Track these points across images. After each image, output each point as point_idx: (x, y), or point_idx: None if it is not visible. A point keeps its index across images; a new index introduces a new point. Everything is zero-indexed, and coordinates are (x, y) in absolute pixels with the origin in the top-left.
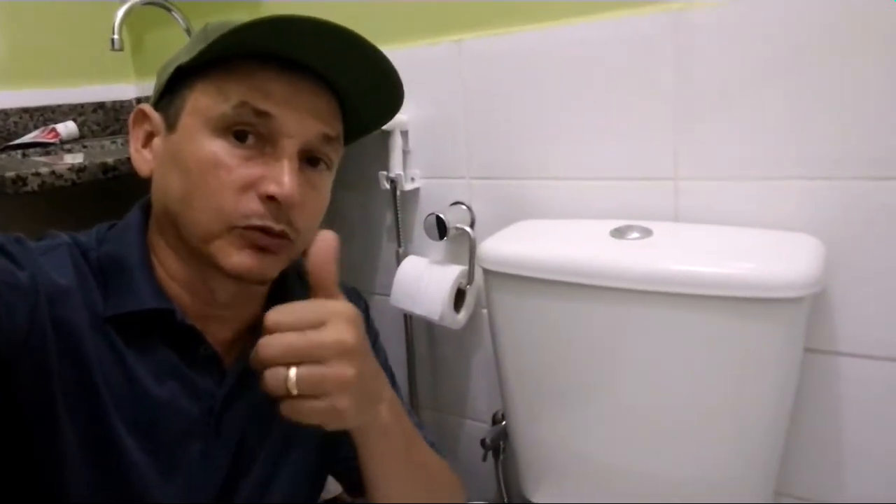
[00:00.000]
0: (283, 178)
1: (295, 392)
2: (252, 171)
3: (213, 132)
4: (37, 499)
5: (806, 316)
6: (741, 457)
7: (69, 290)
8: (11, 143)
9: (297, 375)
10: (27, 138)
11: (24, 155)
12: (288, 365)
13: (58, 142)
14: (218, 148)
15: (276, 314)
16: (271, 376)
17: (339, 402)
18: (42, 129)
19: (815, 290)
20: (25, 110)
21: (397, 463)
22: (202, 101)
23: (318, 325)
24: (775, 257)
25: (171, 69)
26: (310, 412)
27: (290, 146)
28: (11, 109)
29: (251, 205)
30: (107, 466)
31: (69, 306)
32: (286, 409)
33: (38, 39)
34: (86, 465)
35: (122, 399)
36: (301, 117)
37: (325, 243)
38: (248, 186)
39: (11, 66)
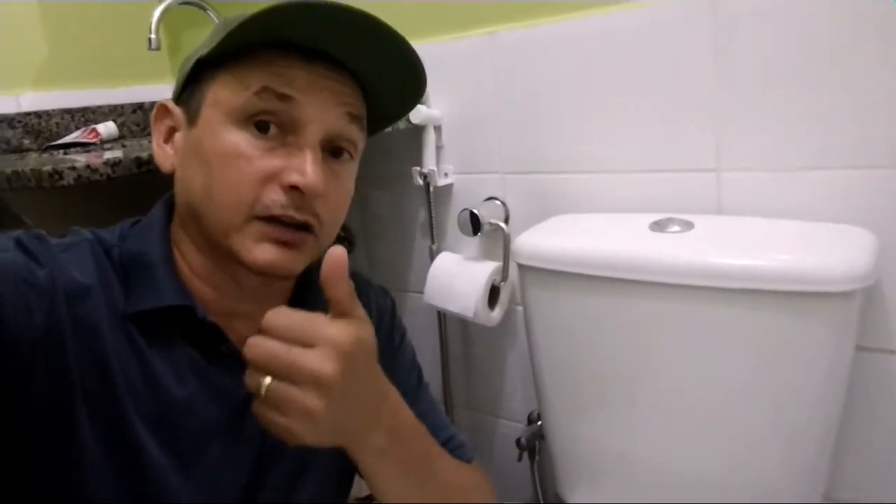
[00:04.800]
0: (306, 167)
1: (262, 397)
2: (274, 161)
3: (234, 123)
4: (56, 498)
5: (857, 312)
6: (786, 457)
7: (90, 288)
8: (53, 143)
9: (268, 387)
10: (68, 138)
11: (65, 154)
12: (266, 372)
13: (98, 142)
14: (239, 139)
15: (274, 316)
16: (250, 376)
17: (298, 426)
18: (83, 129)
19: (866, 284)
20: (67, 111)
21: (401, 485)
22: (222, 93)
23: (306, 344)
24: (824, 250)
25: (191, 63)
26: (270, 423)
27: (313, 134)
28: (54, 110)
29: (273, 195)
30: (126, 465)
31: (89, 304)
32: (255, 408)
33: (78, 41)
34: (105, 464)
35: (141, 398)
36: (323, 103)
37: (334, 260)
38: (270, 177)
39: (53, 68)
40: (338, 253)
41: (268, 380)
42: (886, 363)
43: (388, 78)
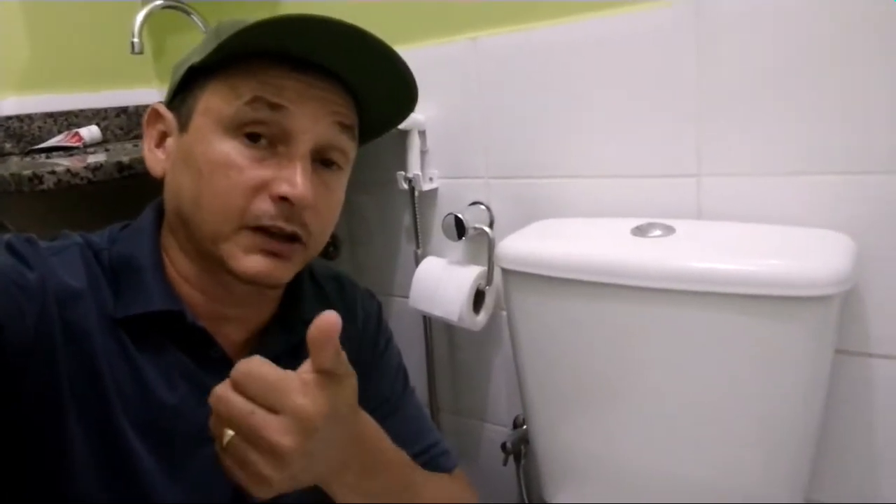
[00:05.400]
0: (296, 178)
1: (223, 448)
2: (264, 171)
3: (226, 132)
4: (49, 500)
5: (836, 315)
6: (768, 459)
7: (79, 292)
8: (36, 146)
9: (228, 443)
10: (51, 142)
11: (47, 158)
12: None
13: (81, 146)
14: (230, 148)
15: (245, 371)
16: (214, 423)
17: (253, 486)
18: (66, 133)
19: (844, 289)
20: (50, 115)
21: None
22: (214, 101)
23: (272, 409)
24: (803, 254)
25: (183, 69)
26: (228, 472)
27: (304, 144)
28: (36, 114)
29: (263, 205)
30: (115, 469)
31: (79, 307)
32: (217, 453)
33: (61, 45)
34: (94, 468)
35: (131, 402)
36: (314, 113)
37: (324, 324)
38: (259, 187)
39: (35, 71)
40: (331, 319)
41: (228, 434)
42: (864, 366)
43: (379, 89)
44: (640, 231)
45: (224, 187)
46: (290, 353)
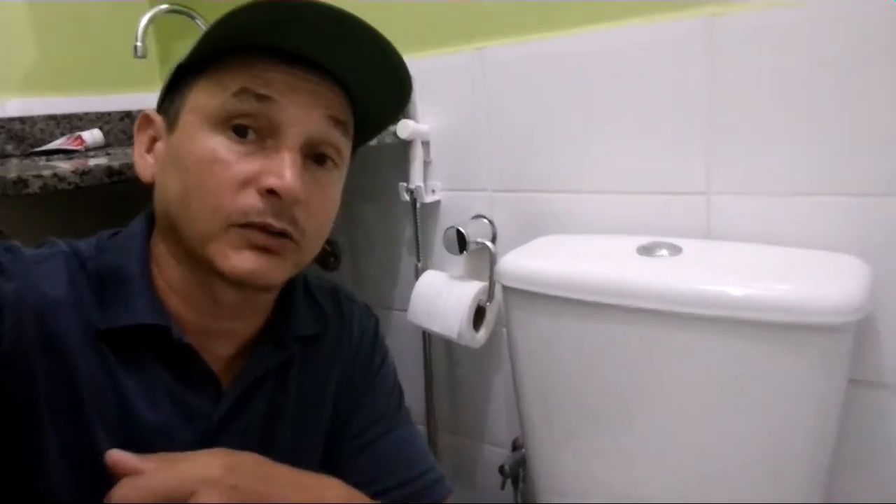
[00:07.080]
0: (284, 170)
1: None
2: (251, 165)
3: (212, 127)
4: None
5: (850, 344)
6: (777, 492)
7: (60, 303)
8: (36, 149)
9: None
10: (53, 145)
11: (48, 161)
12: None
13: (83, 149)
14: (216, 143)
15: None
16: None
17: None
18: (68, 136)
19: (859, 317)
20: (52, 117)
21: None
22: (201, 98)
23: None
24: (815, 279)
25: (172, 70)
26: None
27: (293, 137)
28: (38, 116)
29: (250, 200)
30: (93, 487)
31: (60, 319)
32: None
33: (66, 48)
34: (70, 482)
35: (111, 420)
36: (305, 106)
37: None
38: (246, 182)
39: (39, 73)
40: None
41: None
42: (879, 397)
43: (371, 81)
44: (646, 250)
45: (211, 184)
46: (278, 370)
